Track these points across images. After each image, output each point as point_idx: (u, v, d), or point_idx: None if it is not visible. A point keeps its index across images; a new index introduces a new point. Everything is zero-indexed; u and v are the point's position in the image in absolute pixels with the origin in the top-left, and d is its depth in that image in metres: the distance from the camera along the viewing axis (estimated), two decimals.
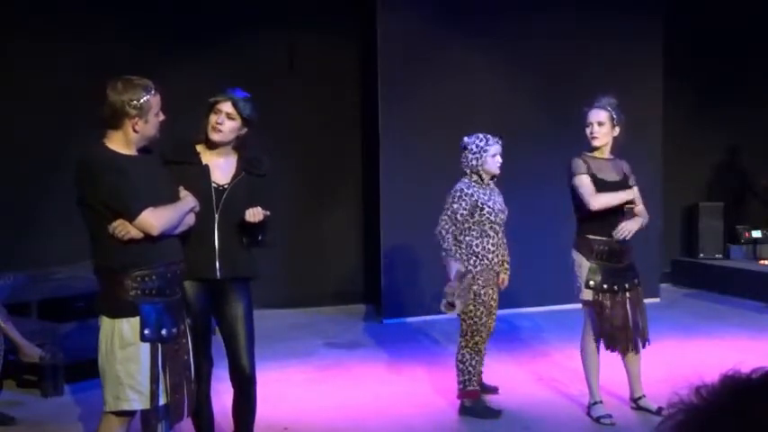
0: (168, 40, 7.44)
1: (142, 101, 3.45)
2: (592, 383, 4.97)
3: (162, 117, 3.55)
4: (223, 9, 7.71)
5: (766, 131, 9.33)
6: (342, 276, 8.32)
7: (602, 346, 4.91)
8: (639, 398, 5.03)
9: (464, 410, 5.06)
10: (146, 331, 3.44)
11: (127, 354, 3.43)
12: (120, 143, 3.52)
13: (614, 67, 7.91)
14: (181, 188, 3.70)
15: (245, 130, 3.99)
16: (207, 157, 3.98)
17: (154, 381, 3.45)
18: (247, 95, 3.99)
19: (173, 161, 3.83)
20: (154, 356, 3.45)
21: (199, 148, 3.99)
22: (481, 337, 5.02)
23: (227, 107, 3.93)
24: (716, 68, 9.03)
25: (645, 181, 5.21)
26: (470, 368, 5.03)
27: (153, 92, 3.50)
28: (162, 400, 3.50)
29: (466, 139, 5.07)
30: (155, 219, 3.44)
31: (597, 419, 4.91)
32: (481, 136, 5.04)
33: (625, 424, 4.85)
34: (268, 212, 3.90)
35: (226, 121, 3.93)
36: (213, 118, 3.94)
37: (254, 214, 3.86)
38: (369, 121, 8.00)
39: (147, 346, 3.45)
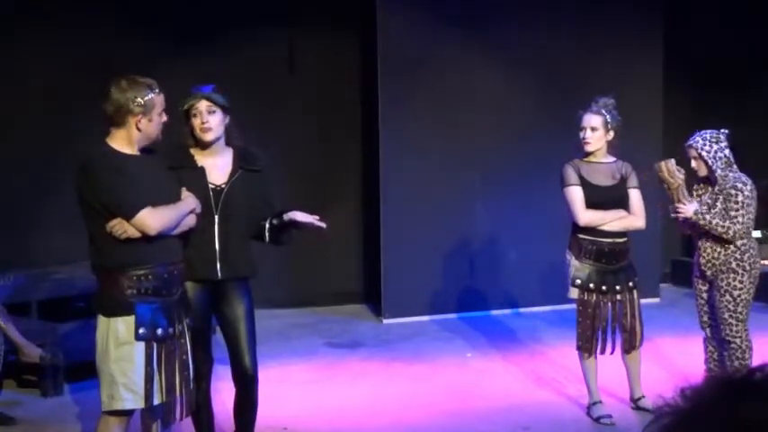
0: (168, 39, 7.43)
1: (146, 99, 3.47)
2: (590, 384, 4.98)
3: (165, 118, 3.56)
4: (223, 9, 7.70)
5: (766, 131, 9.32)
6: (342, 276, 8.31)
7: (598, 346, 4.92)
8: (639, 398, 5.03)
9: None
10: (140, 330, 3.44)
11: (121, 353, 3.44)
12: (123, 142, 3.52)
13: (614, 66, 7.90)
14: (183, 189, 3.70)
15: (228, 118, 4.00)
16: (202, 159, 3.99)
17: (148, 380, 3.46)
18: (213, 86, 4.00)
19: (170, 166, 3.84)
20: (149, 356, 3.46)
21: (192, 151, 4.00)
22: None
23: (203, 106, 3.92)
24: (716, 68, 9.02)
25: (644, 181, 5.21)
26: None
27: (157, 91, 3.52)
28: (156, 400, 3.50)
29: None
30: (152, 219, 3.45)
31: (597, 419, 4.91)
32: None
33: (625, 424, 4.85)
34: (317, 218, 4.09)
35: (210, 118, 3.93)
36: (196, 121, 3.93)
37: (306, 216, 4.04)
38: (369, 120, 8.00)
39: (141, 345, 3.45)
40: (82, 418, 4.91)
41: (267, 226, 4.03)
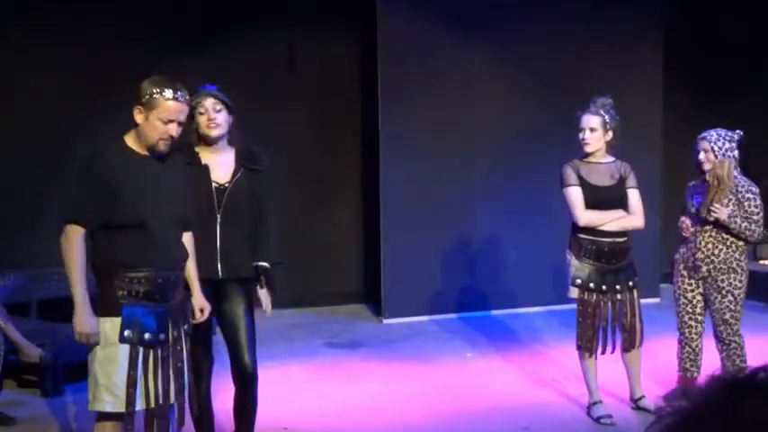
0: (168, 40, 7.44)
1: (154, 95, 3.41)
2: (590, 383, 4.98)
3: (172, 132, 3.44)
4: (223, 9, 7.71)
5: (766, 131, 9.32)
6: (342, 276, 8.32)
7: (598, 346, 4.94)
8: (640, 398, 5.04)
9: None
10: (125, 333, 3.40)
11: (106, 354, 3.41)
12: (133, 139, 3.51)
13: (614, 66, 7.91)
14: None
15: (232, 117, 4.03)
16: (206, 157, 4.01)
17: (131, 385, 3.40)
18: (217, 87, 4.03)
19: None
20: (133, 359, 3.41)
21: (197, 149, 4.01)
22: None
23: (209, 103, 3.96)
24: (717, 68, 9.02)
25: (645, 180, 5.22)
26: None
27: (171, 96, 3.41)
28: (139, 406, 3.44)
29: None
30: (71, 238, 3.48)
31: (597, 419, 4.91)
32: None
33: (625, 424, 4.85)
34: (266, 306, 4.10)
35: (216, 115, 3.96)
36: (202, 119, 3.96)
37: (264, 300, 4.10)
38: (369, 121, 8.00)
39: (126, 348, 3.41)
40: (82, 418, 4.90)
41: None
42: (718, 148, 4.83)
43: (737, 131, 4.94)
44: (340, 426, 4.95)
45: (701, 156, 4.89)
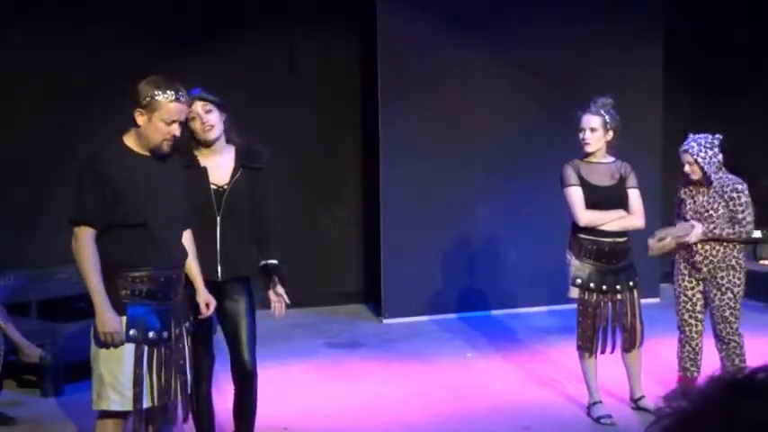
0: (168, 40, 7.43)
1: (155, 97, 3.42)
2: (590, 384, 4.99)
3: (174, 131, 3.46)
4: (223, 9, 7.71)
5: (766, 131, 9.32)
6: (342, 276, 8.32)
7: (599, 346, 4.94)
8: (640, 398, 5.04)
9: None
10: (131, 332, 3.42)
11: (111, 353, 3.42)
12: (133, 140, 3.51)
13: (614, 66, 7.90)
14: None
15: (225, 115, 4.02)
16: (204, 159, 4.00)
17: (137, 383, 3.42)
18: (200, 88, 4.01)
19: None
20: (138, 358, 3.43)
21: (195, 151, 4.01)
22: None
23: (198, 107, 3.94)
24: (717, 68, 9.02)
25: (645, 180, 5.22)
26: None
27: (173, 98, 3.43)
28: (146, 404, 3.47)
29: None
30: (82, 240, 3.40)
31: (597, 419, 4.92)
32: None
33: (625, 424, 4.86)
34: (287, 300, 4.13)
35: (209, 117, 3.95)
36: (196, 124, 3.95)
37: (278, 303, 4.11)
38: (369, 121, 8.00)
39: (131, 347, 3.43)
40: (82, 418, 4.90)
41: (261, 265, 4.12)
42: (701, 158, 4.87)
43: (717, 135, 4.95)
44: (340, 426, 4.95)
45: (687, 168, 4.95)
